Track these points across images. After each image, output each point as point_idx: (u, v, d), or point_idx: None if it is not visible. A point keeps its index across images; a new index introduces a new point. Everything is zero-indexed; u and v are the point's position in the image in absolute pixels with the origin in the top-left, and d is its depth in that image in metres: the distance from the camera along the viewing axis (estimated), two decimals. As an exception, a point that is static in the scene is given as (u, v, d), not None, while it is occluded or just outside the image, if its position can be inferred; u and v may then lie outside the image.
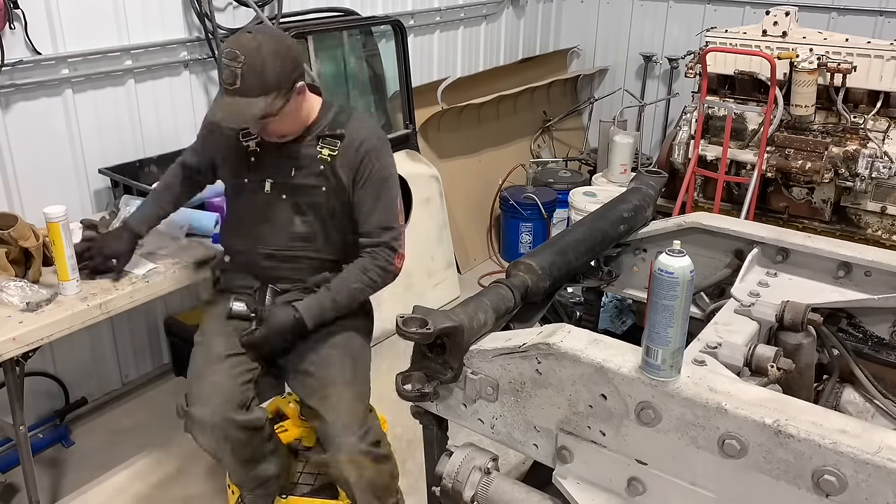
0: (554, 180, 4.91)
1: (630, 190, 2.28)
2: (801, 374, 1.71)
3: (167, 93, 3.23)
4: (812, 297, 1.84)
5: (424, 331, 1.44)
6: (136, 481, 2.87)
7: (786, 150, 3.87)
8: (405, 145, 4.04)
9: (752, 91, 4.07)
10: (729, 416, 1.25)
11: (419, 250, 3.99)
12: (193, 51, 3.27)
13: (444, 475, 1.59)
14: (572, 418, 1.45)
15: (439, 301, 4.04)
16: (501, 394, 1.54)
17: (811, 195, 3.97)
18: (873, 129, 3.75)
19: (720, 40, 4.04)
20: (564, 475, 1.49)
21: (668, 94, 5.26)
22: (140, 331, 3.40)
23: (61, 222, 2.18)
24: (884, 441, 1.17)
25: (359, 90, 4.06)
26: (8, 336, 2.11)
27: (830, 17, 4.47)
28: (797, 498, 1.22)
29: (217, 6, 3.26)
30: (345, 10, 3.84)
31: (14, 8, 2.61)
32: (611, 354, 1.39)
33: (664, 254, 1.27)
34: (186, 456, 3.00)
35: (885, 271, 1.88)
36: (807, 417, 1.23)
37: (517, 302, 1.70)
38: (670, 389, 1.31)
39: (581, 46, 5.64)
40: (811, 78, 3.70)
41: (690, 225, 2.15)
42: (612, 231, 2.07)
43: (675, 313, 1.27)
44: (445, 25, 4.63)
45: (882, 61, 3.66)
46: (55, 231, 2.18)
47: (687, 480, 1.33)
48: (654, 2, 5.18)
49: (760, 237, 2.05)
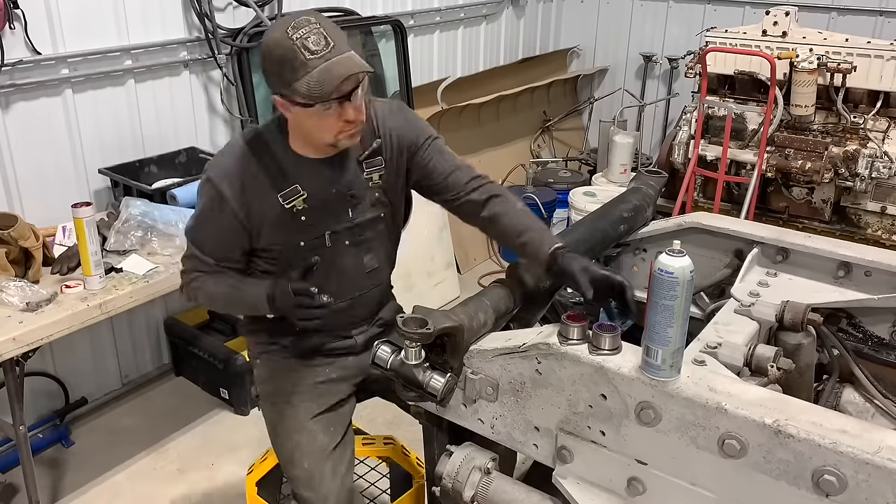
0: (554, 180, 4.91)
1: (630, 190, 2.28)
2: (801, 374, 1.71)
3: (167, 93, 3.23)
4: (812, 297, 1.84)
5: (424, 331, 1.44)
6: (136, 481, 2.87)
7: (786, 150, 3.87)
8: (405, 145, 4.04)
9: (751, 91, 4.08)
10: (729, 416, 1.25)
11: (419, 250, 3.99)
12: (193, 51, 3.27)
13: (444, 475, 1.59)
14: (572, 418, 1.45)
15: (439, 301, 4.04)
16: (501, 394, 1.54)
17: (811, 195, 3.97)
18: (873, 129, 3.75)
19: (720, 40, 4.04)
20: (564, 475, 1.49)
21: (668, 94, 5.26)
22: (140, 331, 3.40)
23: (86, 219, 2.24)
24: (884, 441, 1.17)
25: (359, 90, 4.06)
26: (8, 336, 2.11)
27: (830, 17, 4.47)
28: (797, 498, 1.22)
29: (217, 6, 3.26)
30: (345, 10, 3.84)
31: (14, 8, 2.61)
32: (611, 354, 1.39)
33: (664, 254, 1.27)
34: (185, 456, 3.00)
35: (884, 271, 1.88)
36: (807, 417, 1.23)
37: (517, 302, 1.70)
38: (670, 389, 1.30)
39: (581, 46, 5.64)
40: (811, 78, 3.70)
41: (690, 225, 2.14)
42: (612, 231, 2.07)
43: (675, 313, 1.27)
44: (445, 25, 4.63)
45: (882, 61, 3.67)
46: (80, 227, 2.24)
47: (687, 480, 1.33)
48: (654, 2, 5.18)
49: (760, 237, 2.05)
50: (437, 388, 1.51)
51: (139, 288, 2.42)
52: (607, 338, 1.40)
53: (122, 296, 2.37)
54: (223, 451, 3.02)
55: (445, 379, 1.51)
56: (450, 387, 1.53)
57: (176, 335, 3.45)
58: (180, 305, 3.47)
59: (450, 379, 1.52)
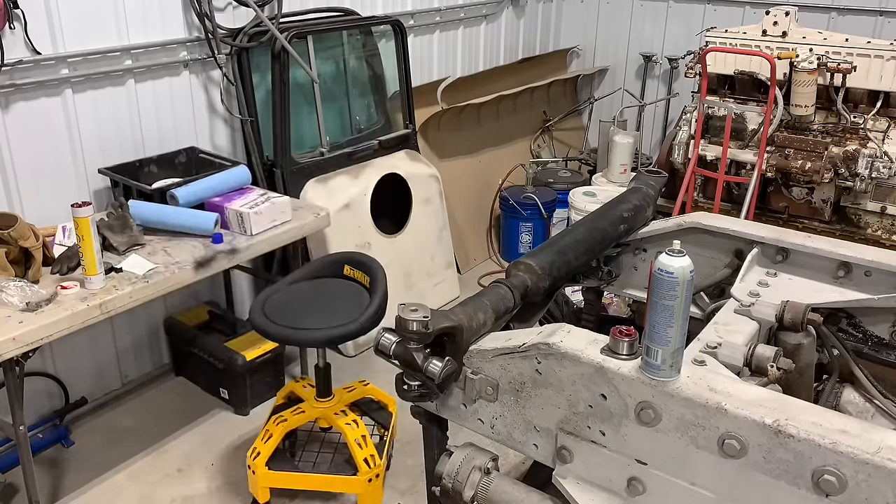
0: (554, 180, 4.91)
1: (630, 190, 2.27)
2: (801, 373, 1.71)
3: (167, 93, 3.23)
4: (812, 297, 1.84)
5: (423, 330, 1.44)
6: (136, 481, 2.87)
7: (786, 150, 3.87)
8: (405, 145, 4.04)
9: (751, 91, 4.07)
10: (729, 415, 1.25)
11: (419, 250, 3.99)
12: (193, 51, 3.27)
13: (444, 475, 1.58)
14: (572, 418, 1.45)
15: (439, 301, 4.04)
16: (501, 394, 1.54)
17: (811, 195, 3.97)
18: (873, 128, 3.75)
19: (720, 40, 4.04)
20: (564, 475, 1.49)
21: (667, 94, 5.26)
22: (140, 331, 3.40)
23: (90, 217, 2.26)
24: (883, 441, 1.17)
25: (358, 90, 4.07)
26: (8, 336, 2.11)
27: (830, 17, 4.47)
28: (797, 498, 1.22)
29: (217, 6, 3.26)
30: (344, 10, 3.84)
31: (14, 8, 2.61)
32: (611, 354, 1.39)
33: (664, 254, 1.27)
34: (186, 456, 3.00)
35: (884, 271, 1.88)
36: (806, 417, 1.23)
37: (517, 302, 1.70)
38: (670, 389, 1.30)
39: (581, 46, 5.64)
40: (811, 78, 3.70)
41: (690, 225, 2.14)
42: (612, 231, 2.06)
43: (675, 313, 1.27)
44: (445, 25, 4.63)
45: (882, 61, 3.66)
46: (84, 226, 2.25)
47: (687, 480, 1.33)
48: (654, 2, 5.18)
49: (760, 237, 2.05)
50: (435, 373, 1.49)
51: (139, 288, 2.42)
52: (625, 343, 1.38)
53: (122, 296, 2.37)
54: (223, 452, 3.03)
55: (444, 363, 1.50)
56: (448, 371, 1.51)
57: (176, 335, 3.45)
58: (180, 305, 3.48)
59: (448, 363, 1.51)
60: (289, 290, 2.64)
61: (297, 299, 2.59)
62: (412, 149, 4.08)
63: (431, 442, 1.74)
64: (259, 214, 2.83)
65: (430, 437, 1.74)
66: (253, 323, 2.49)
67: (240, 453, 2.98)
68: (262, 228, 2.85)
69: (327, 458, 2.83)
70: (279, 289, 2.64)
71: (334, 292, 2.65)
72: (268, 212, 2.87)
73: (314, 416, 2.76)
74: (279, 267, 3.56)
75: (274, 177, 3.50)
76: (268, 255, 3.31)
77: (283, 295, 2.60)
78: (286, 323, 2.43)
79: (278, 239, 2.92)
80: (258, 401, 3.29)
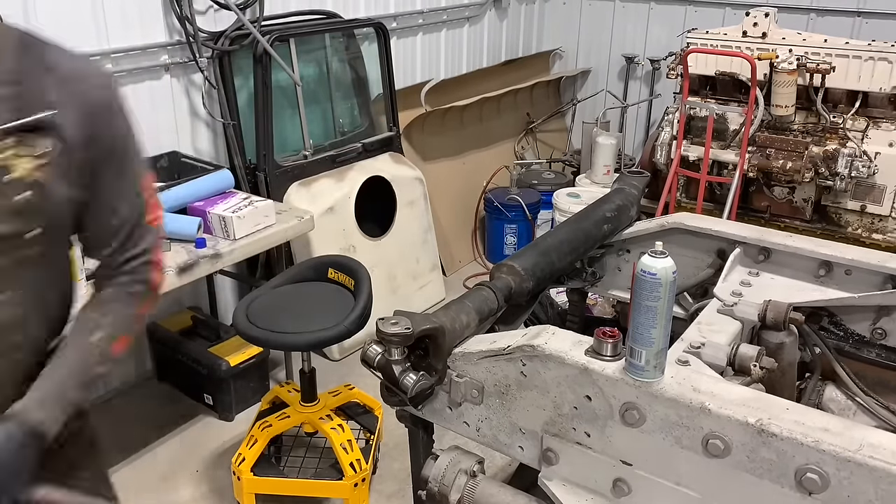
0: (538, 182, 4.93)
1: (613, 191, 2.28)
2: (784, 372, 1.72)
3: (148, 97, 3.20)
4: (794, 296, 1.85)
5: (404, 331, 1.44)
6: (120, 488, 2.82)
7: (767, 150, 3.91)
8: (389, 148, 4.03)
9: (733, 91, 4.11)
10: (712, 415, 1.26)
11: (404, 253, 3.98)
12: (174, 54, 3.24)
13: (429, 479, 1.58)
14: (557, 420, 1.45)
15: (424, 303, 4.04)
16: (487, 396, 1.54)
17: (792, 194, 4.01)
18: (852, 128, 3.79)
19: (701, 41, 4.07)
20: (550, 477, 1.49)
21: (650, 95, 5.29)
22: (122, 337, 3.36)
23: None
24: (865, 439, 1.18)
25: (342, 93, 4.05)
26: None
27: (809, 18, 4.52)
28: (781, 496, 1.23)
29: (198, 9, 3.24)
30: (327, 13, 3.83)
31: (-9, 12, 2.58)
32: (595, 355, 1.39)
33: (646, 255, 1.28)
34: (171, 462, 2.97)
35: (864, 270, 1.90)
36: (789, 416, 1.24)
37: (501, 304, 1.70)
38: (654, 390, 1.31)
39: (563, 48, 5.66)
40: (791, 78, 3.74)
41: (673, 225, 2.15)
42: (595, 231, 2.07)
43: (659, 314, 1.28)
44: (428, 28, 4.62)
45: (860, 61, 3.71)
46: None
47: (672, 481, 1.34)
48: (635, 3, 5.21)
49: (742, 237, 2.06)
50: (408, 386, 1.49)
51: (121, 294, 2.39)
52: (609, 344, 1.38)
53: (104, 302, 2.34)
54: (208, 458, 3.00)
55: (416, 377, 1.50)
56: (421, 387, 1.51)
57: (159, 341, 3.42)
58: (163, 311, 3.44)
59: (421, 378, 1.51)
60: (272, 294, 2.62)
61: (281, 303, 2.57)
62: (396, 151, 4.08)
63: (417, 445, 1.73)
64: (242, 218, 2.81)
65: (416, 441, 1.73)
66: (237, 328, 2.47)
67: (225, 459, 2.96)
68: (245, 232, 2.83)
69: (313, 462, 2.82)
70: (263, 293, 2.62)
71: (318, 296, 2.63)
72: (251, 216, 2.85)
73: (299, 421, 2.74)
74: (263, 271, 3.54)
75: (257, 180, 3.48)
76: (251, 259, 3.29)
77: (267, 299, 2.59)
78: (270, 327, 2.42)
79: (262, 243, 2.91)
80: (243, 406, 3.26)
